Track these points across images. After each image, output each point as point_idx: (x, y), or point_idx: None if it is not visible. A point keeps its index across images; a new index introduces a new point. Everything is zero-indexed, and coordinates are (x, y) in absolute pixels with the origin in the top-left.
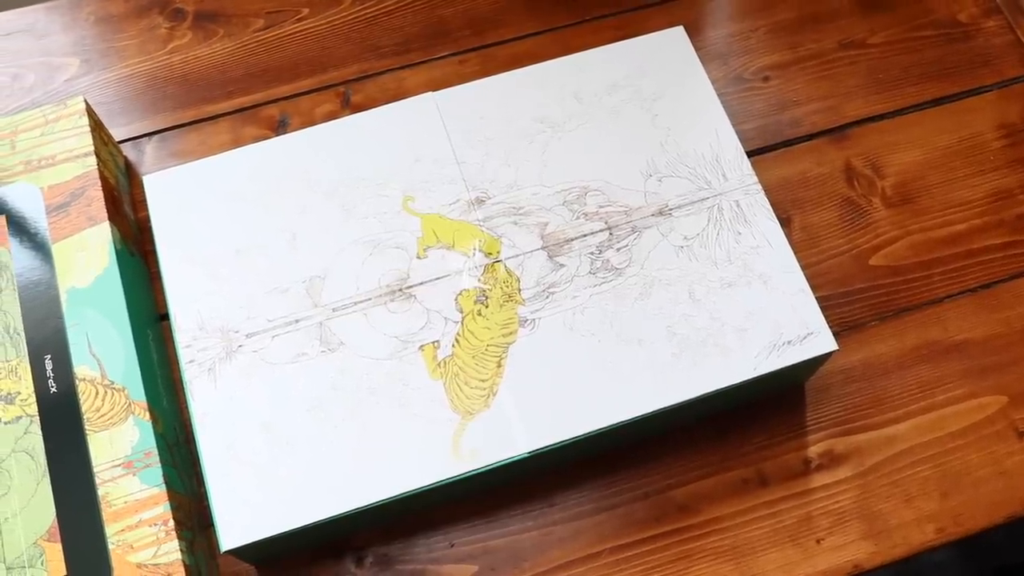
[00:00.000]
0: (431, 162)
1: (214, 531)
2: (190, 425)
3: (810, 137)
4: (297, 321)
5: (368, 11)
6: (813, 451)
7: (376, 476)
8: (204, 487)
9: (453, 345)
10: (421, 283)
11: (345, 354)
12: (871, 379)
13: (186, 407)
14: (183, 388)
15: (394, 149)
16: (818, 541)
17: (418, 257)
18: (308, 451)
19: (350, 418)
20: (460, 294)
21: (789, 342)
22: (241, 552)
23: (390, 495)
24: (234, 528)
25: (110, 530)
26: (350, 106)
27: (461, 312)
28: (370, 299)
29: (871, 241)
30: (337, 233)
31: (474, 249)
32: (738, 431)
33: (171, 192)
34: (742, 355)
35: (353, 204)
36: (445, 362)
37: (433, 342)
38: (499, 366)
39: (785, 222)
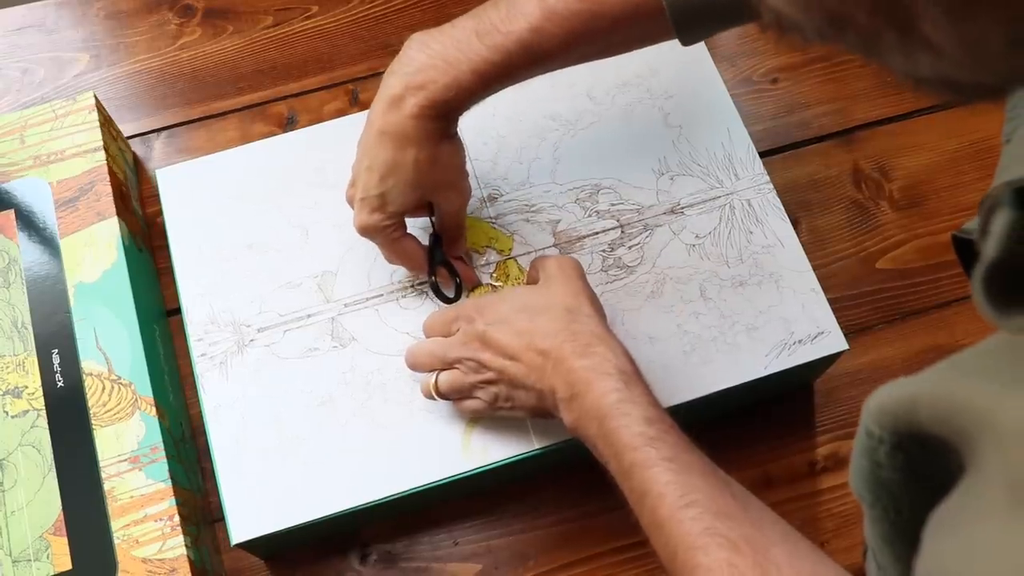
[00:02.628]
0: None
1: (224, 524)
2: (196, 421)
3: (818, 140)
4: (309, 316)
5: (377, 9)
6: (819, 453)
7: (387, 472)
8: (212, 481)
9: None
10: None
11: (356, 350)
12: (877, 382)
13: (192, 403)
14: (195, 382)
15: None
16: (823, 544)
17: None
18: (319, 446)
19: (361, 413)
20: (472, 290)
21: (800, 341)
22: (250, 545)
23: (400, 491)
24: (244, 521)
25: (115, 524)
26: (358, 104)
27: None
28: (382, 295)
29: (878, 244)
30: (349, 229)
31: (486, 246)
32: (744, 432)
33: (184, 186)
34: (752, 354)
35: None
36: None
37: None
38: None
39: (793, 224)
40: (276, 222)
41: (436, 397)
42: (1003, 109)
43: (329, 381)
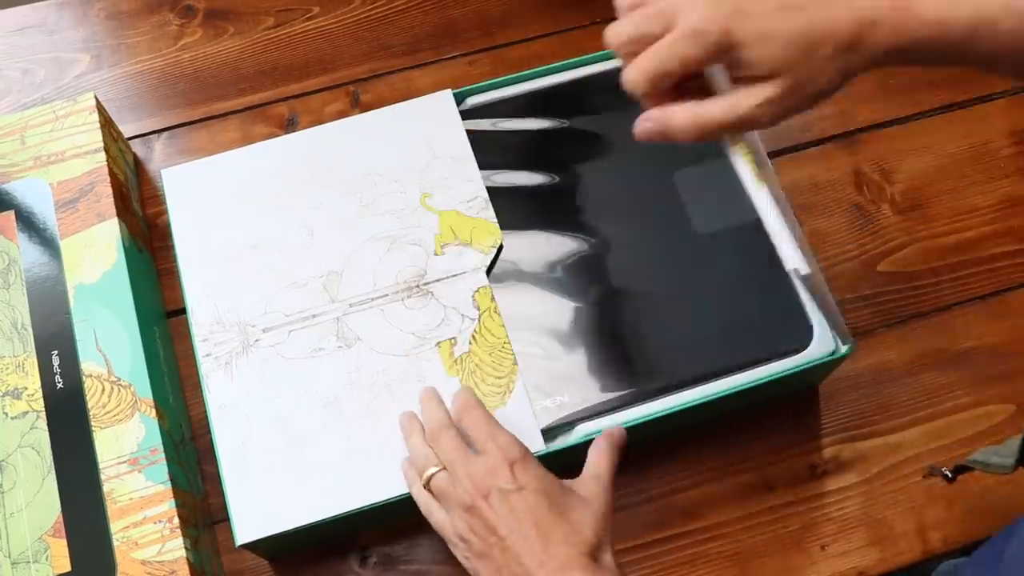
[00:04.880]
0: (449, 159)
1: (224, 527)
2: (197, 423)
3: (820, 142)
4: (314, 316)
5: (378, 11)
6: (819, 457)
7: (392, 473)
8: (212, 484)
9: (470, 342)
10: (438, 280)
11: (361, 350)
12: (878, 385)
13: (192, 404)
14: (195, 384)
15: (412, 145)
16: (822, 547)
17: (436, 254)
18: (324, 446)
19: (366, 414)
20: (477, 291)
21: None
22: (254, 546)
23: (406, 492)
24: (249, 522)
25: (115, 526)
26: (359, 105)
27: (478, 309)
28: (387, 295)
29: (880, 247)
30: (354, 229)
31: (492, 247)
32: (744, 436)
33: (189, 186)
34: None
35: (371, 200)
36: (462, 359)
37: (450, 339)
38: (516, 364)
39: None
40: (281, 222)
41: (422, 487)
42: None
43: (335, 381)
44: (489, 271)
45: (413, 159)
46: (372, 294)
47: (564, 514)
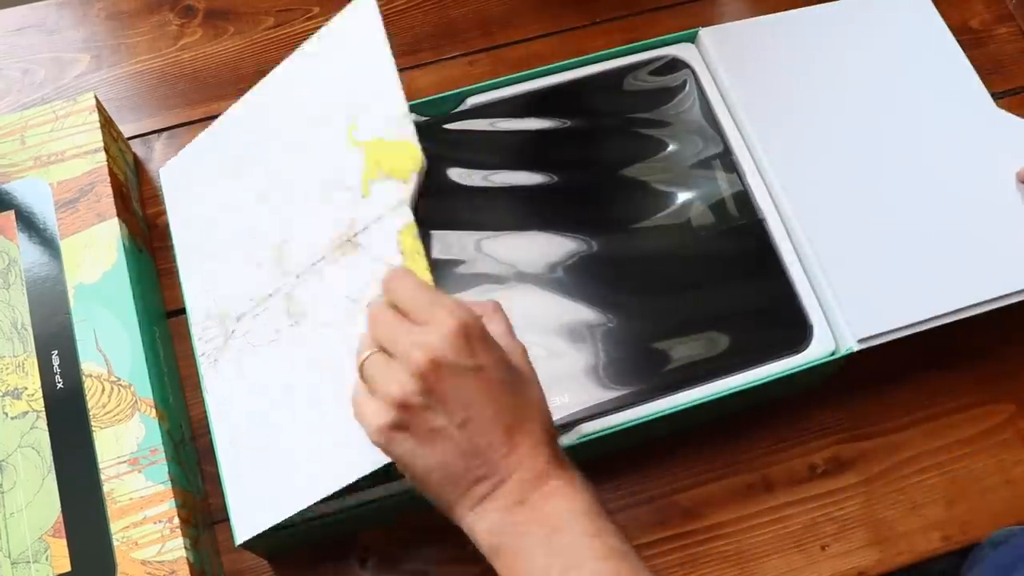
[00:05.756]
0: (367, 70)
1: (224, 526)
2: (197, 422)
3: None
4: (269, 296)
5: None
6: (819, 457)
7: (367, 445)
8: (212, 483)
9: None
10: (365, 228)
11: (309, 327)
12: (879, 384)
13: (192, 404)
14: (195, 383)
15: (335, 73)
16: (823, 547)
17: (363, 196)
18: (302, 431)
19: (332, 393)
20: (400, 231)
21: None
22: (254, 546)
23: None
24: (247, 521)
25: (115, 526)
26: None
27: (402, 254)
28: (324, 257)
29: None
30: (295, 187)
31: (411, 171)
32: (743, 436)
33: (182, 180)
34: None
35: (306, 147)
36: None
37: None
38: None
39: None
40: (252, 199)
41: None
42: None
43: (293, 365)
44: (416, 208)
45: (338, 88)
46: (313, 258)
47: (520, 395)
